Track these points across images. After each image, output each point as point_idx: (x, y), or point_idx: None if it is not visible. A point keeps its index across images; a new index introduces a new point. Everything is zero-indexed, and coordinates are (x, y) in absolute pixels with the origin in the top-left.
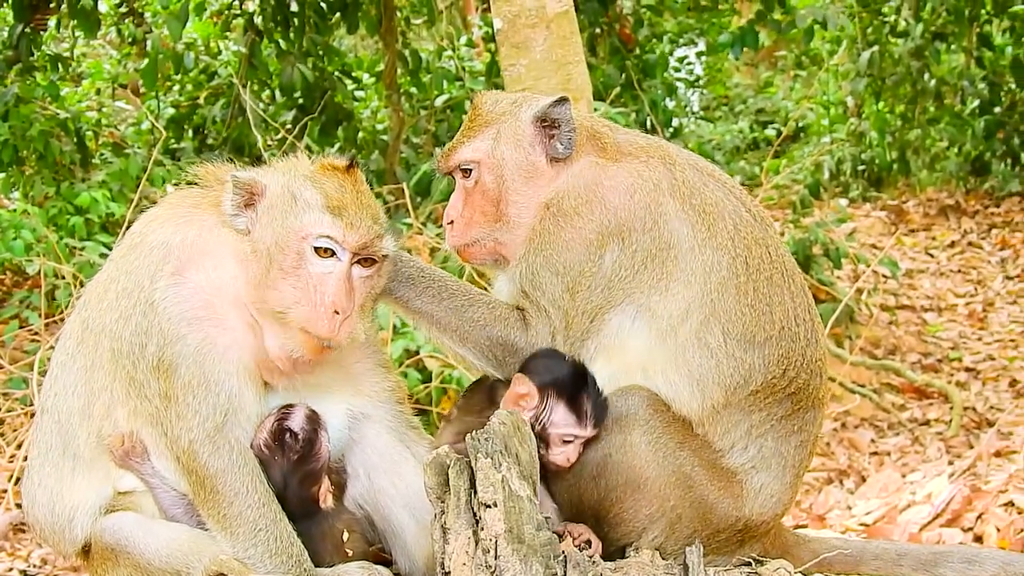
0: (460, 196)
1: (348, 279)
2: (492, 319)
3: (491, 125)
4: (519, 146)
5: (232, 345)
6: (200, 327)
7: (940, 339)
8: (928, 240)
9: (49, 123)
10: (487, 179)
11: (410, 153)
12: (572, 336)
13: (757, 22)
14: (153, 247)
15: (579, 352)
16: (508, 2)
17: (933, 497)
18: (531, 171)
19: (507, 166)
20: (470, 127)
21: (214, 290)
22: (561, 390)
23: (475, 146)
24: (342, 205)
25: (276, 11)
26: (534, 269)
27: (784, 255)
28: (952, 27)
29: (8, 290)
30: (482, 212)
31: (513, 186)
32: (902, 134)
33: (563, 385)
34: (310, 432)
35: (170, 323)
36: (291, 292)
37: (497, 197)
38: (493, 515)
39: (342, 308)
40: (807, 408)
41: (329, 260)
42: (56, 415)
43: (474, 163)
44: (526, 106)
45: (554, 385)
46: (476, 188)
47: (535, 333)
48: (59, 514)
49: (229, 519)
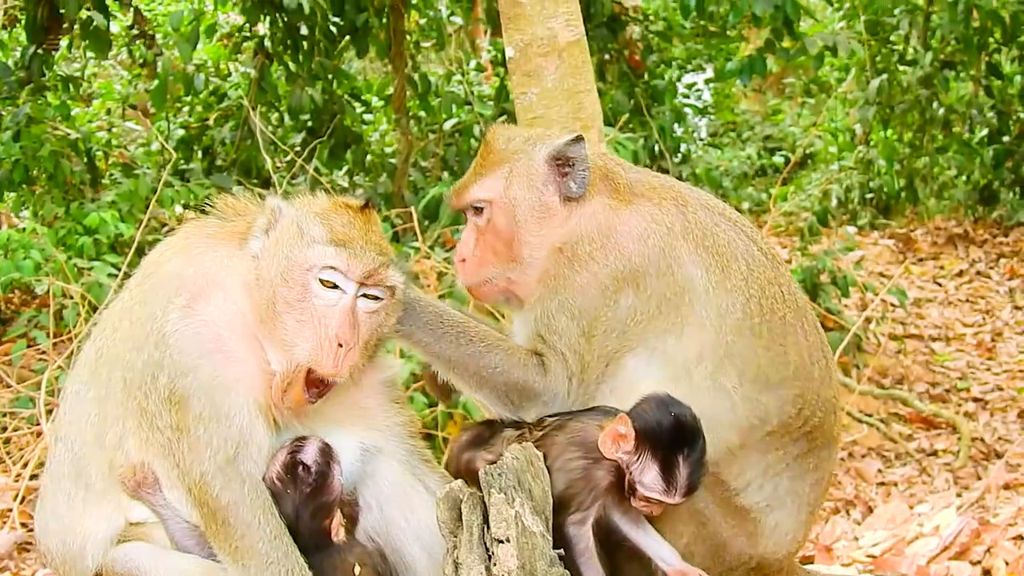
0: (472, 234)
1: (353, 312)
2: (510, 365)
3: (504, 163)
4: (532, 186)
5: (242, 378)
6: (211, 360)
7: (948, 369)
8: (936, 269)
9: (60, 143)
10: (499, 219)
11: (418, 177)
12: (587, 380)
13: (766, 50)
14: (167, 278)
15: (594, 395)
16: (520, 30)
17: (941, 529)
18: (544, 211)
19: (520, 206)
20: (482, 164)
21: (225, 323)
22: (659, 449)
23: (487, 185)
24: (348, 238)
25: (286, 34)
26: (549, 313)
27: (796, 293)
28: (961, 56)
29: (16, 309)
30: (494, 251)
31: (526, 226)
32: (910, 162)
33: (663, 445)
34: (323, 465)
35: (181, 356)
36: (295, 325)
37: (509, 237)
38: (506, 551)
39: (346, 341)
40: (822, 446)
41: (334, 293)
42: (69, 444)
43: (486, 202)
44: (540, 145)
45: (654, 441)
46: (488, 227)
47: (553, 377)
48: (70, 544)
49: (241, 552)
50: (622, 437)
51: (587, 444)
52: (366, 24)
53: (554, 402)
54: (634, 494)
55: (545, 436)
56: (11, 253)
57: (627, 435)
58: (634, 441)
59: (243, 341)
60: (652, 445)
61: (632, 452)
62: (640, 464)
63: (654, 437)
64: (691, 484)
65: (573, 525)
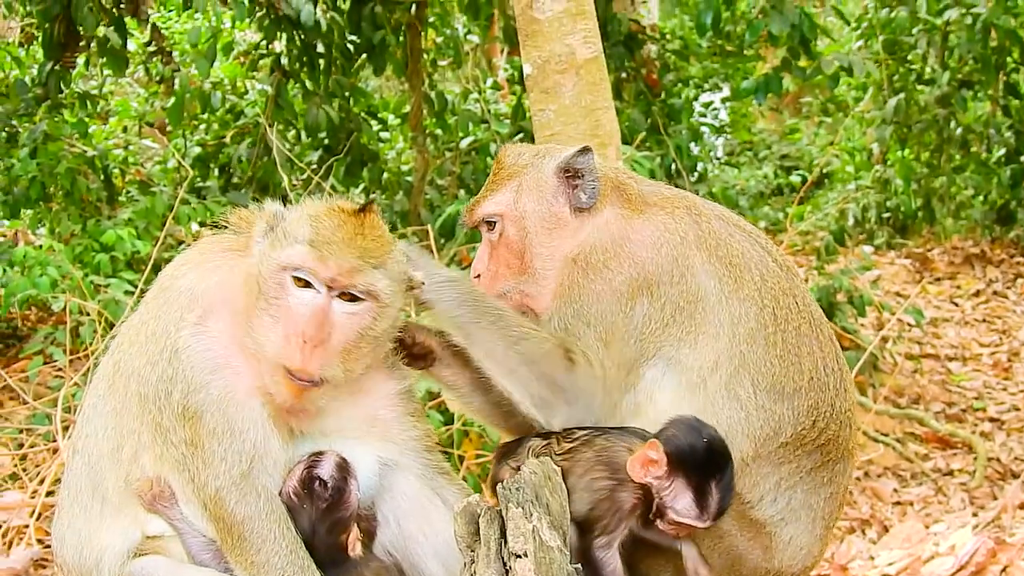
0: (486, 250)
1: (325, 311)
2: (541, 354)
3: (513, 178)
4: (542, 197)
5: (254, 392)
6: (222, 375)
7: (964, 389)
8: (953, 289)
9: (76, 160)
10: (511, 231)
11: (435, 195)
12: (610, 386)
13: (782, 69)
14: (179, 293)
15: (618, 404)
16: (538, 47)
17: (957, 549)
18: (554, 222)
19: (530, 218)
20: (494, 180)
21: (236, 337)
22: (692, 475)
23: (497, 199)
24: (327, 240)
25: (302, 52)
26: (566, 321)
27: (811, 304)
28: (979, 75)
29: (33, 326)
30: (507, 265)
31: (537, 238)
32: (927, 182)
33: (697, 470)
34: (339, 480)
35: (193, 371)
36: (269, 322)
37: (521, 249)
38: (523, 565)
39: (310, 338)
40: (837, 459)
41: (308, 292)
42: (87, 457)
43: (497, 216)
44: (548, 157)
45: (687, 467)
46: (501, 241)
47: (579, 374)
48: (87, 556)
49: (257, 566)
50: (653, 462)
51: (613, 465)
52: (383, 42)
53: (578, 401)
54: (662, 518)
55: (573, 451)
56: (28, 270)
57: (658, 460)
58: (666, 467)
59: (254, 355)
60: (685, 470)
61: (664, 477)
62: (672, 490)
63: (687, 462)
64: (722, 508)
65: (600, 549)
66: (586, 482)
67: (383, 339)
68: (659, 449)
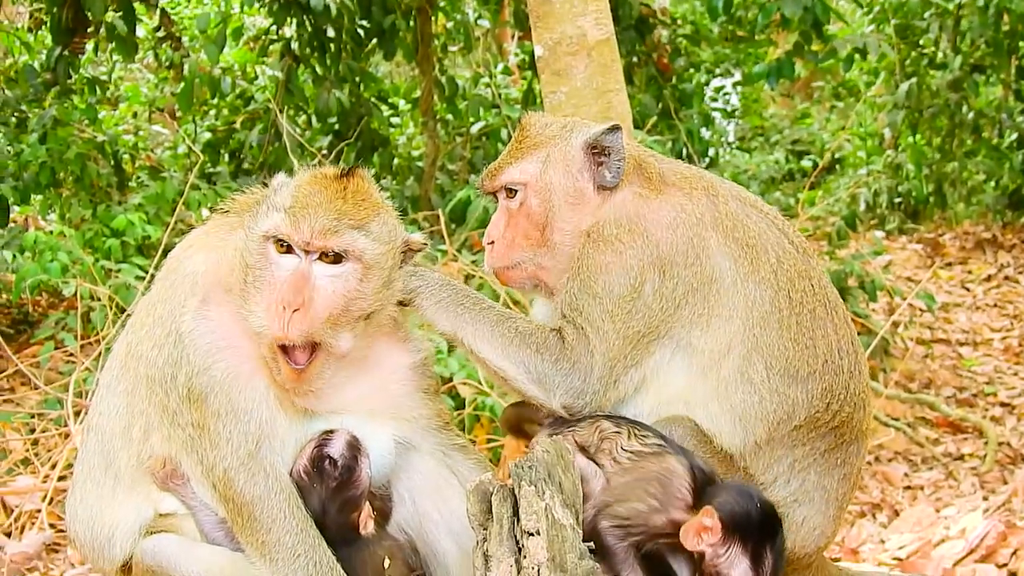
0: (503, 217)
1: (304, 275)
2: (532, 328)
3: (541, 148)
4: (568, 172)
5: (258, 372)
6: (225, 357)
7: (975, 373)
8: (964, 274)
9: (86, 146)
10: (533, 202)
11: (445, 180)
12: (612, 358)
13: (794, 54)
14: (184, 276)
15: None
16: (549, 29)
17: (968, 532)
18: (578, 197)
19: (555, 191)
20: (518, 147)
21: (238, 319)
22: (748, 541)
23: (523, 168)
24: (304, 205)
25: (313, 37)
26: (573, 293)
27: (827, 287)
28: (991, 59)
29: (44, 311)
30: (525, 235)
31: (559, 212)
32: (939, 166)
33: (752, 536)
34: (349, 459)
35: (197, 354)
36: (254, 293)
37: (542, 221)
38: (536, 543)
39: (287, 302)
40: (850, 441)
41: (289, 258)
42: (100, 434)
43: (521, 185)
44: (577, 132)
45: (743, 534)
46: (521, 210)
47: (572, 348)
48: (98, 532)
49: (268, 545)
50: (707, 529)
51: (669, 492)
52: (393, 27)
53: (575, 375)
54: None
55: (641, 455)
56: (39, 255)
57: (712, 528)
58: (721, 534)
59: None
60: (742, 538)
61: (718, 544)
62: (728, 557)
63: (743, 531)
64: (776, 568)
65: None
66: (639, 487)
67: (376, 303)
68: (714, 516)
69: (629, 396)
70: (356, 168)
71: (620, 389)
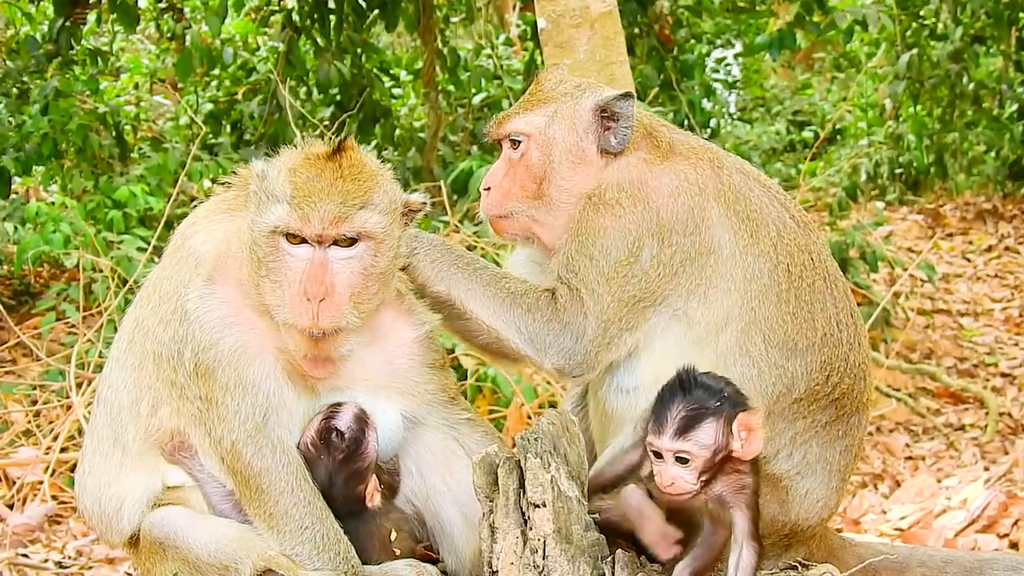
0: (503, 166)
1: (321, 264)
2: (523, 290)
3: (550, 103)
4: (573, 130)
5: (266, 346)
6: (232, 332)
7: (976, 344)
8: (965, 244)
9: (88, 117)
10: (534, 154)
11: (447, 151)
12: (606, 320)
13: (795, 25)
14: (189, 253)
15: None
16: (553, 1)
17: (969, 503)
18: (580, 157)
19: (557, 146)
20: (529, 100)
21: (243, 295)
22: (657, 398)
23: (529, 119)
24: (307, 194)
25: (314, 8)
26: (569, 255)
27: (827, 260)
28: (991, 30)
29: (46, 283)
30: (521, 186)
31: (559, 168)
32: (940, 137)
33: (663, 390)
34: (356, 432)
35: (203, 330)
36: (273, 287)
37: (540, 175)
38: (542, 515)
39: (313, 294)
40: (851, 413)
41: (302, 248)
42: (109, 407)
43: (525, 135)
44: (590, 93)
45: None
46: (521, 161)
47: (564, 308)
48: (105, 504)
49: (275, 517)
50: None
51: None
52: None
53: (566, 335)
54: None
55: None
56: (40, 227)
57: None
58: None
59: (263, 311)
60: (655, 400)
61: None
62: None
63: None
64: (684, 423)
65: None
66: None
67: (389, 273)
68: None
69: (623, 361)
70: (345, 141)
71: (613, 352)
